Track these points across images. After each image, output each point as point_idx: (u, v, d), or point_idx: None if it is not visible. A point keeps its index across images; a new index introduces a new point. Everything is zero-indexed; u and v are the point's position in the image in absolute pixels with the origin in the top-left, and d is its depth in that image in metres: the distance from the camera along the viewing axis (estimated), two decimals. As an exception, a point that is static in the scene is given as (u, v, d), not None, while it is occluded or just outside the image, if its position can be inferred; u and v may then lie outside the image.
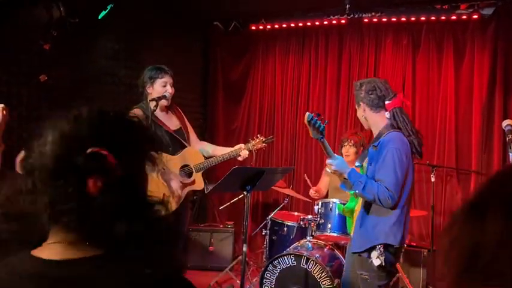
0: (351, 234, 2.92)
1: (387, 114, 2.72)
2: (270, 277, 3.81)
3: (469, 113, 4.95)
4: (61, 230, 0.93)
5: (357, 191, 2.65)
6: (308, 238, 4.05)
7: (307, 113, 2.62)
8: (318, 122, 2.62)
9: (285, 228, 4.27)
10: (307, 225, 4.13)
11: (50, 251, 0.93)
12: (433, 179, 4.51)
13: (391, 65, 5.29)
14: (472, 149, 4.92)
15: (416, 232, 5.04)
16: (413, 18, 5.10)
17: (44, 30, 3.96)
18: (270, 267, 3.82)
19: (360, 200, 2.83)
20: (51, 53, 3.96)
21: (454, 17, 4.93)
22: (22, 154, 0.96)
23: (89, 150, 0.91)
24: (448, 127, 5.03)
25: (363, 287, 2.73)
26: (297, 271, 3.72)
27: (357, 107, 2.82)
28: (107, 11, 4.33)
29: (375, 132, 2.78)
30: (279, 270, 3.79)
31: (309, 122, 2.61)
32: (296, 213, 4.56)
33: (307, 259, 3.68)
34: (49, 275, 0.90)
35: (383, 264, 2.58)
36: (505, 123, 2.59)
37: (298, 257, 3.73)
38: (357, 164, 2.87)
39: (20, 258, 0.94)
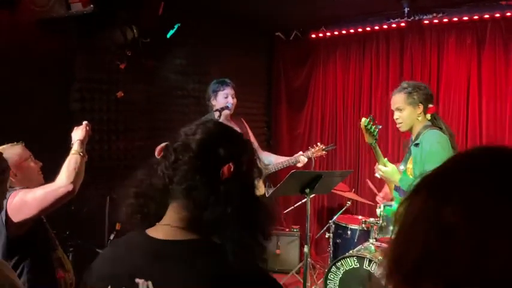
0: None
1: (428, 116, 2.87)
2: (333, 278, 3.90)
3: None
4: (177, 209, 1.14)
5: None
6: (371, 241, 4.10)
7: (364, 118, 2.75)
8: (373, 127, 2.74)
9: (348, 232, 4.34)
10: (369, 228, 4.18)
11: (160, 232, 1.14)
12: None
13: (455, 66, 5.19)
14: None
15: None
16: (476, 17, 4.99)
17: (120, 50, 4.32)
18: (334, 268, 3.91)
19: None
20: (127, 71, 4.33)
21: (520, 13, 4.78)
22: (163, 144, 1.22)
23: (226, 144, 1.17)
24: (517, 128, 4.86)
25: None
26: (360, 273, 3.78)
27: (409, 107, 2.89)
28: (174, 29, 4.65)
29: (414, 134, 2.89)
30: (342, 271, 3.87)
31: (366, 127, 2.72)
32: (360, 217, 4.61)
33: (370, 261, 3.74)
34: (158, 252, 1.10)
35: None
36: None
37: (361, 259, 3.79)
38: (401, 167, 2.94)
39: (136, 235, 1.18)
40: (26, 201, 2.09)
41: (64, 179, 2.14)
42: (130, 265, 1.11)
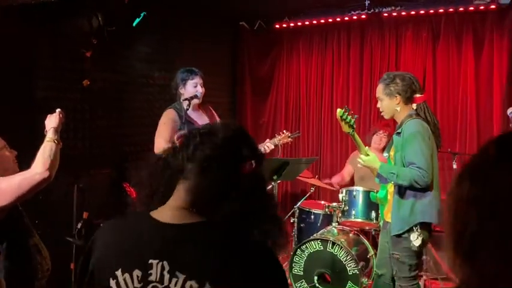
0: (385, 220, 3.16)
1: (414, 106, 2.95)
2: (298, 261, 4.06)
3: (489, 101, 5.07)
4: (185, 191, 1.18)
5: (392, 182, 2.87)
6: (334, 224, 4.28)
7: (339, 109, 2.84)
8: (349, 117, 2.86)
9: (312, 216, 4.50)
10: (332, 213, 4.36)
11: (166, 215, 1.17)
12: (455, 166, 4.66)
13: (412, 58, 5.44)
14: (494, 135, 5.02)
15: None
16: (432, 11, 5.24)
17: (85, 38, 4.28)
18: (299, 251, 4.07)
19: (390, 188, 3.04)
20: (92, 59, 4.30)
21: (472, 8, 5.04)
22: (183, 132, 1.32)
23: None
24: (469, 116, 5.16)
25: (396, 267, 2.98)
26: (324, 255, 3.95)
27: (386, 98, 2.98)
28: (140, 18, 4.64)
29: (398, 121, 3.00)
30: (306, 254, 4.03)
31: (341, 117, 2.83)
32: (322, 202, 4.78)
33: (333, 243, 3.91)
34: (163, 235, 1.14)
35: (423, 242, 2.81)
36: (510, 110, 2.77)
37: (324, 241, 3.95)
38: (384, 154, 3.09)
39: (139, 217, 1.22)
40: (2, 188, 2.10)
41: (40, 166, 2.15)
42: (140, 248, 1.14)
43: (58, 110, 2.44)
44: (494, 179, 0.74)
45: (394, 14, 5.39)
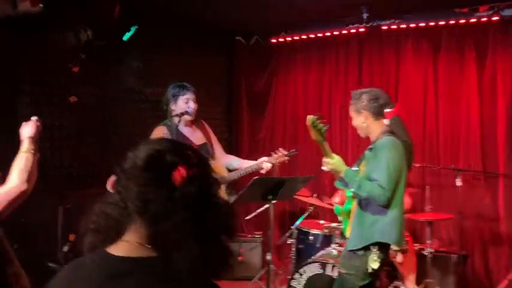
0: (347, 234, 3.08)
1: (386, 122, 2.91)
2: (297, 285, 3.85)
3: (493, 115, 4.89)
4: (137, 228, 1.09)
5: (352, 189, 2.81)
6: (333, 246, 4.08)
7: (311, 116, 2.76)
8: (320, 125, 2.75)
9: (311, 237, 4.32)
10: (332, 233, 4.17)
11: (121, 248, 1.09)
12: (459, 183, 4.47)
13: (413, 71, 5.28)
14: (499, 151, 4.85)
15: (445, 237, 4.99)
16: (432, 23, 5.10)
17: (73, 53, 4.15)
18: (297, 275, 3.86)
19: (355, 201, 2.97)
20: (80, 74, 4.16)
21: (473, 20, 4.90)
22: (112, 178, 1.18)
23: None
24: (472, 131, 4.98)
25: (343, 284, 2.86)
26: (324, 278, 3.76)
27: (355, 115, 3.00)
28: (132, 32, 4.51)
29: (372, 139, 2.95)
30: (305, 278, 3.83)
31: (312, 124, 2.73)
32: (322, 222, 4.60)
33: (333, 266, 3.72)
34: (112, 267, 1.06)
35: (381, 265, 2.71)
36: None
37: (323, 264, 3.77)
38: (354, 168, 2.99)
39: (97, 254, 1.12)
40: None
41: (16, 180, 2.04)
42: (89, 285, 1.06)
43: (34, 118, 2.32)
44: None
45: (394, 27, 5.25)
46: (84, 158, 4.21)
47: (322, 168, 2.99)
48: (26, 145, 2.19)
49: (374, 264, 2.71)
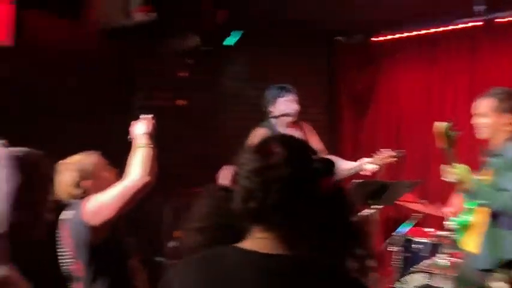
0: (466, 249, 2.86)
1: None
2: (400, 294, 3.69)
3: None
4: (272, 226, 1.04)
5: (481, 201, 2.60)
6: (441, 255, 3.83)
7: (443, 123, 2.62)
8: (453, 132, 2.61)
9: (417, 245, 4.10)
10: (440, 242, 3.92)
11: (260, 245, 1.03)
12: None
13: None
14: None
15: None
16: None
17: (181, 58, 4.37)
18: (398, 285, 3.70)
19: (480, 214, 2.72)
20: (189, 79, 4.36)
21: None
22: (227, 170, 1.20)
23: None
24: None
25: None
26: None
27: (495, 115, 2.71)
28: (238, 37, 4.64)
29: (495, 144, 2.72)
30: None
31: (445, 132, 2.59)
32: (430, 230, 4.33)
33: (439, 277, 3.50)
34: (265, 266, 1.01)
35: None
36: None
37: (429, 274, 3.58)
38: (477, 177, 2.75)
39: (228, 249, 1.06)
40: (103, 201, 2.07)
41: (138, 172, 2.07)
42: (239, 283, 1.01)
43: (149, 115, 2.38)
44: None
45: (510, 19, 4.80)
46: (190, 159, 4.39)
47: (443, 178, 2.80)
48: (143, 140, 2.20)
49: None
